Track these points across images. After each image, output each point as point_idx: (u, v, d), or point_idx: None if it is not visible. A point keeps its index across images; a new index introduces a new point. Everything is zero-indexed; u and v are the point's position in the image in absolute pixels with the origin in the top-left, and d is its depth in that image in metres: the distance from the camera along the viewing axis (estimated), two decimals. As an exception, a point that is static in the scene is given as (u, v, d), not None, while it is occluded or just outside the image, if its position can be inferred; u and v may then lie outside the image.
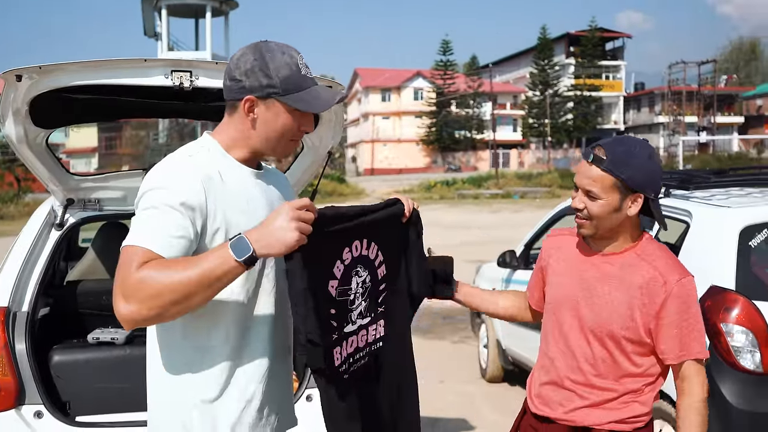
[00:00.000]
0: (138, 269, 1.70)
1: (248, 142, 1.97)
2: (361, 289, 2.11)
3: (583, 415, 2.25)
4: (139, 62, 2.83)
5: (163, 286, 1.68)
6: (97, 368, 3.49)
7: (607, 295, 2.21)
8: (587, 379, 2.25)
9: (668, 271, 2.17)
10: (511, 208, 31.41)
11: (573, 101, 66.82)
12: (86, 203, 3.84)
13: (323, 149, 3.55)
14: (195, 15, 40.37)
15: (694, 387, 2.19)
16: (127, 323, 1.74)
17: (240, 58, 1.94)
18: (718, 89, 64.80)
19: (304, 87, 1.92)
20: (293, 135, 1.98)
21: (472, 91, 67.63)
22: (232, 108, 1.97)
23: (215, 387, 1.90)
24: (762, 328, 3.56)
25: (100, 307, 3.77)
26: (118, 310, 1.72)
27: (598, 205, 2.17)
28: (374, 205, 2.19)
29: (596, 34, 67.92)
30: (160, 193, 1.80)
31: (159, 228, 1.77)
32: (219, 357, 1.90)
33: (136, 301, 1.69)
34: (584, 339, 2.25)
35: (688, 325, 2.16)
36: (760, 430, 3.54)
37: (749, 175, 5.03)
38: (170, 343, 1.92)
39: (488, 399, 6.30)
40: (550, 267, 2.42)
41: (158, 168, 1.88)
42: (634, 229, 2.26)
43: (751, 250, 3.79)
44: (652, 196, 2.19)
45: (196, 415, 1.89)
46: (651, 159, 2.17)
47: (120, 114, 3.72)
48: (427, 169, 67.14)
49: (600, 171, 2.15)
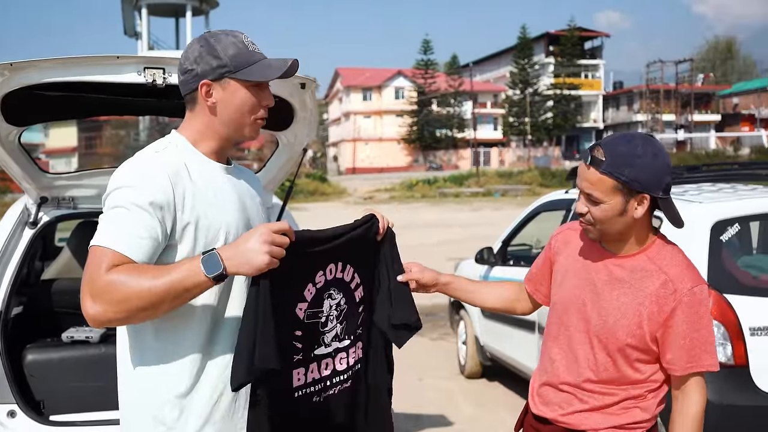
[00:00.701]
0: (107, 272, 1.72)
1: (214, 130, 1.98)
2: (335, 311, 2.10)
3: (581, 419, 2.16)
4: (112, 59, 2.82)
5: (131, 293, 1.70)
6: (72, 367, 3.47)
7: (615, 300, 2.10)
8: (586, 383, 2.16)
9: (680, 279, 2.05)
10: (492, 206, 31.55)
11: (553, 100, 67.15)
12: (60, 201, 3.81)
13: (298, 146, 3.55)
14: (175, 14, 40.16)
15: (693, 403, 2.09)
16: (94, 323, 1.76)
17: (188, 51, 1.97)
18: (695, 88, 65.49)
19: (254, 61, 1.95)
20: (255, 112, 1.99)
21: (453, 90, 67.75)
22: (191, 101, 1.98)
23: (187, 381, 1.90)
24: (733, 321, 3.61)
25: (75, 305, 3.71)
26: (86, 310, 1.74)
27: (600, 209, 2.04)
28: (349, 225, 2.17)
29: (575, 33, 68.31)
30: (128, 192, 1.81)
31: (126, 228, 1.78)
32: (190, 351, 1.90)
33: (103, 303, 1.71)
34: (588, 343, 2.15)
35: (700, 336, 2.04)
36: (733, 422, 3.59)
37: (721, 171, 5.09)
38: (141, 339, 1.91)
39: (467, 395, 6.33)
40: (558, 264, 2.31)
41: (126, 166, 1.88)
42: (645, 231, 2.12)
43: (722, 245, 3.84)
44: (660, 195, 2.02)
45: (167, 409, 1.89)
46: (656, 157, 2.01)
47: (93, 111, 3.69)
48: (408, 167, 67.18)
49: (599, 174, 2.01)
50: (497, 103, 71.71)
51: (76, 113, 3.77)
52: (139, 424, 1.93)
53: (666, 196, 2.04)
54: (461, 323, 6.95)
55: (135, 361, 1.92)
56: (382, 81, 71.58)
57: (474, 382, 6.72)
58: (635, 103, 67.91)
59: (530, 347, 5.29)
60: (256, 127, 2.02)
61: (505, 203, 32.68)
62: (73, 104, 3.32)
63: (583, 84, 68.69)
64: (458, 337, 7.09)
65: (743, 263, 4.08)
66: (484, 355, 6.51)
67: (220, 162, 2.02)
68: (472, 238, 15.70)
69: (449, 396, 6.28)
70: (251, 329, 1.80)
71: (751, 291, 3.81)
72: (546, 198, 5.92)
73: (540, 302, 2.45)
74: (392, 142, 70.81)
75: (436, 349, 7.89)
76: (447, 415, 5.74)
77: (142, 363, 1.91)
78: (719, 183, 4.80)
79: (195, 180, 1.91)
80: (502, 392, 6.40)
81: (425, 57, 70.06)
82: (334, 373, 2.13)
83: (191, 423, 1.91)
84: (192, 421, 1.91)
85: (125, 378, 1.96)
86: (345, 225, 2.16)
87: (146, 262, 1.78)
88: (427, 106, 68.62)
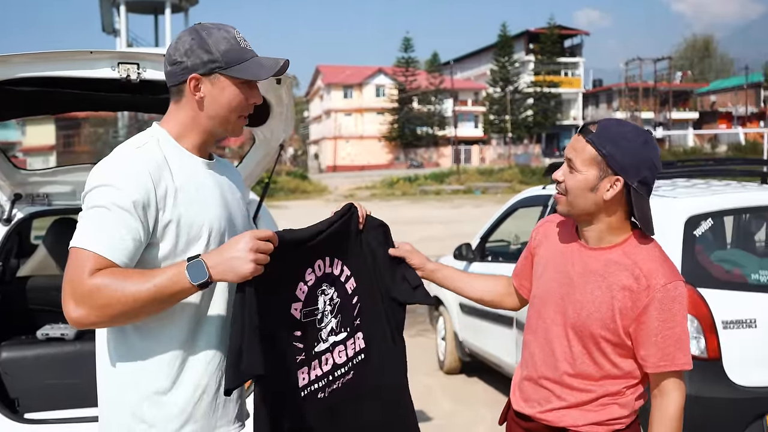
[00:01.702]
0: (90, 276, 1.71)
1: (198, 125, 1.95)
2: (329, 306, 2.12)
3: (560, 416, 2.15)
4: (85, 54, 2.80)
5: (115, 298, 1.70)
6: (47, 364, 3.45)
7: (590, 293, 2.09)
8: (564, 378, 2.15)
9: (654, 275, 2.02)
10: (473, 203, 31.65)
11: (533, 97, 67.43)
12: (35, 198, 3.78)
13: (275, 142, 3.54)
14: (154, 11, 39.88)
15: (671, 402, 2.06)
16: (77, 326, 1.76)
17: (178, 42, 1.94)
18: (673, 86, 66.07)
19: (245, 58, 1.93)
20: (242, 110, 1.97)
21: (434, 87, 67.85)
22: (177, 94, 1.95)
23: (167, 378, 1.88)
24: (706, 315, 3.65)
25: (50, 303, 3.72)
26: (68, 313, 1.73)
27: (575, 179, 2.06)
28: (329, 219, 2.18)
29: (555, 31, 68.67)
30: (109, 192, 1.77)
31: (108, 230, 1.75)
32: (171, 348, 1.88)
33: (87, 307, 1.71)
34: (564, 336, 2.14)
35: (673, 334, 2.02)
36: (705, 415, 3.63)
37: (695, 167, 5.15)
38: (121, 336, 1.89)
39: (446, 390, 6.36)
40: (538, 256, 2.31)
41: (107, 162, 1.85)
42: (620, 222, 2.10)
43: (695, 239, 3.88)
44: (634, 184, 2.01)
45: (146, 406, 1.87)
46: (644, 146, 2.02)
47: (67, 107, 3.66)
48: (389, 165, 67.21)
49: (584, 141, 2.04)
50: (478, 101, 71.92)
51: (49, 109, 3.73)
52: (119, 421, 1.90)
53: (640, 191, 2.03)
54: (440, 319, 6.97)
55: (114, 358, 1.90)
56: (363, 79, 71.52)
57: (453, 377, 6.75)
58: (614, 101, 68.40)
59: (508, 342, 5.32)
60: (241, 125, 2.01)
61: (486, 200, 32.78)
62: (47, 100, 3.29)
63: (563, 82, 69.07)
64: (437, 333, 7.11)
65: (717, 257, 4.13)
66: (463, 350, 6.54)
67: (202, 157, 2.00)
68: (452, 236, 15.72)
69: (428, 392, 6.30)
70: (238, 335, 1.80)
71: (724, 285, 3.86)
72: (523, 194, 5.95)
73: (525, 297, 2.42)
74: (373, 140, 70.80)
75: (415, 346, 7.91)
76: (426, 411, 5.76)
77: (122, 360, 1.89)
78: (693, 179, 4.85)
79: (176, 176, 1.89)
80: (481, 388, 6.43)
81: (406, 55, 70.18)
82: (335, 367, 2.14)
83: (172, 420, 1.89)
84: (173, 418, 1.89)
85: (104, 375, 1.94)
86: (326, 219, 2.17)
87: (128, 264, 1.77)
88: (408, 103, 68.68)
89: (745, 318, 3.71)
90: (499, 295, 2.50)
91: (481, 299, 2.52)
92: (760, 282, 3.90)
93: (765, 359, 3.72)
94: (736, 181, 5.04)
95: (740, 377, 3.65)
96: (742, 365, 3.67)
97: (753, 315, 3.72)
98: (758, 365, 3.70)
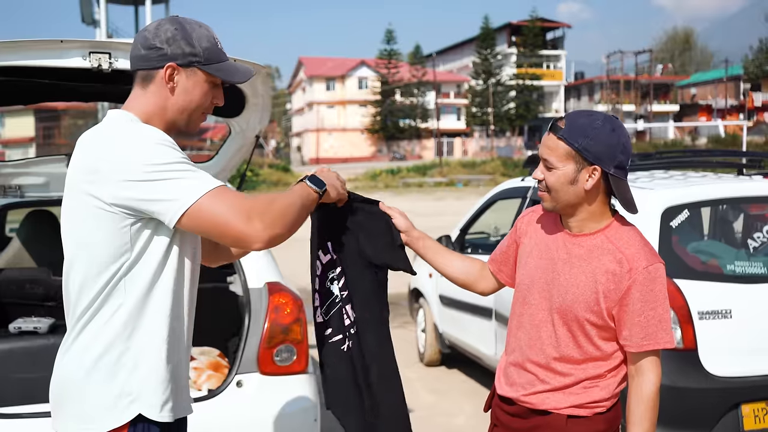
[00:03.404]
0: (250, 197, 1.82)
1: (164, 114, 1.93)
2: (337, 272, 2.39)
3: (542, 398, 2.21)
4: (56, 43, 2.75)
5: (284, 207, 1.85)
6: (20, 358, 3.40)
7: (574, 278, 2.16)
8: (548, 362, 2.21)
9: (635, 258, 2.10)
10: (455, 195, 31.70)
11: (515, 90, 67.58)
12: (6, 190, 3.73)
13: (251, 133, 3.52)
14: (135, 2, 39.45)
15: (647, 382, 2.13)
16: (269, 244, 1.83)
17: (158, 28, 1.92)
18: (654, 78, 66.48)
19: (222, 59, 1.97)
20: (207, 108, 1.99)
21: (416, 80, 67.77)
22: (146, 78, 1.92)
23: (138, 376, 1.86)
24: (682, 305, 3.68)
25: (24, 296, 3.67)
26: (249, 232, 1.77)
27: (554, 176, 2.12)
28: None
29: (537, 24, 68.81)
30: (167, 154, 1.78)
31: (200, 174, 1.80)
32: (144, 344, 1.87)
33: (267, 220, 1.79)
34: (549, 320, 2.21)
35: (656, 314, 2.10)
36: (681, 405, 3.66)
37: (673, 159, 5.18)
38: (95, 332, 1.85)
39: (426, 382, 6.36)
40: (523, 245, 2.37)
41: (132, 137, 1.81)
42: (601, 209, 2.18)
43: (672, 230, 3.90)
44: (610, 171, 2.08)
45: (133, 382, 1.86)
46: (613, 132, 2.08)
47: (39, 97, 3.61)
48: (372, 158, 67.13)
49: (556, 139, 2.11)
50: (460, 94, 71.98)
51: (21, 99, 3.67)
52: (100, 401, 1.86)
53: (618, 175, 2.10)
54: (420, 311, 6.97)
55: (84, 351, 1.86)
56: (346, 71, 71.33)
57: (433, 369, 6.75)
58: (596, 94, 68.71)
59: (487, 334, 5.33)
60: (200, 122, 2.02)
61: (468, 193, 32.84)
62: (18, 90, 3.24)
63: (545, 74, 69.29)
64: (417, 325, 7.11)
65: (693, 248, 4.15)
66: (443, 342, 6.55)
67: None
68: (433, 228, 15.70)
69: (408, 384, 6.28)
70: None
71: (700, 276, 3.88)
72: (502, 186, 5.96)
73: (503, 282, 2.48)
74: (356, 132, 70.69)
75: (396, 338, 7.81)
76: (407, 403, 5.75)
77: (92, 353, 1.85)
78: (671, 170, 4.87)
79: None
80: (461, 379, 6.44)
81: (388, 47, 70.00)
82: (350, 325, 2.39)
83: (154, 390, 1.88)
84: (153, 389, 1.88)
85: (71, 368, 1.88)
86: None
87: None
88: (391, 96, 68.58)
89: (720, 309, 3.74)
90: (473, 277, 2.53)
91: (456, 278, 2.54)
92: (736, 273, 3.93)
93: (740, 349, 3.76)
94: (713, 172, 5.07)
95: (715, 367, 3.68)
96: (718, 355, 3.70)
97: (728, 306, 3.75)
98: (733, 355, 3.73)
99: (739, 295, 3.81)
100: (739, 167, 4.73)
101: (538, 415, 2.22)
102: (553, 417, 2.20)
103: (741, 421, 3.67)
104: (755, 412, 3.69)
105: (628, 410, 2.16)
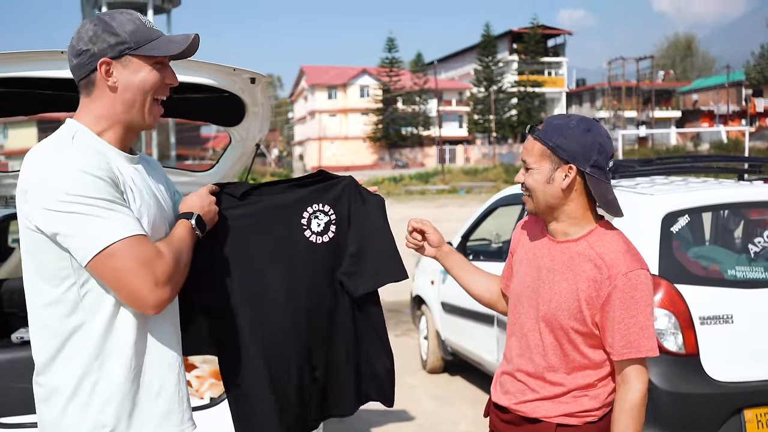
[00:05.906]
0: (158, 252, 1.74)
1: (115, 115, 1.86)
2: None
3: (533, 407, 2.22)
4: (56, 54, 2.77)
5: (186, 265, 1.83)
6: (22, 368, 3.40)
7: (557, 285, 2.15)
8: (538, 371, 2.21)
9: (615, 264, 2.07)
10: (457, 202, 31.68)
11: (517, 97, 67.63)
12: (8, 200, 3.74)
13: (251, 141, 3.53)
14: (136, 12, 39.62)
15: (632, 390, 2.10)
16: (154, 310, 1.76)
17: (80, 31, 1.86)
18: (655, 84, 66.52)
19: (154, 37, 1.87)
20: (158, 92, 1.90)
21: (418, 88, 67.88)
22: (88, 86, 1.86)
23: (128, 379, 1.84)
24: (684, 311, 3.67)
25: (25, 306, 3.67)
26: (151, 300, 1.72)
27: (532, 176, 2.14)
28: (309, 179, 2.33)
29: (538, 31, 68.91)
30: (88, 185, 1.69)
31: (117, 215, 1.71)
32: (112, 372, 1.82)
33: (173, 286, 1.76)
34: (537, 329, 2.20)
35: (637, 321, 2.06)
36: (683, 410, 3.65)
37: (673, 164, 5.18)
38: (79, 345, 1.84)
39: (429, 389, 6.36)
40: (516, 255, 2.38)
41: (53, 161, 1.72)
42: (582, 212, 2.17)
43: (672, 236, 3.90)
44: (586, 170, 2.07)
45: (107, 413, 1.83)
46: (587, 132, 2.08)
47: (40, 108, 3.61)
48: (374, 165, 67.16)
49: (533, 140, 2.14)
50: (462, 101, 72.06)
51: (22, 110, 3.68)
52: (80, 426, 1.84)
53: (595, 175, 2.08)
54: (423, 318, 6.97)
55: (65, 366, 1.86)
56: (347, 79, 71.48)
57: (436, 376, 6.75)
58: (597, 100, 68.73)
59: (490, 341, 5.32)
60: (158, 112, 1.93)
61: (470, 200, 32.82)
62: (19, 100, 3.25)
63: (547, 81, 69.34)
64: (420, 332, 7.11)
65: (694, 254, 4.15)
66: (446, 349, 6.54)
67: (124, 152, 1.91)
68: (436, 235, 15.73)
69: (411, 391, 6.30)
70: None
71: (701, 281, 3.88)
72: (503, 193, 5.97)
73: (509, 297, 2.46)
74: (358, 141, 70.77)
75: (398, 345, 7.89)
76: (409, 410, 5.76)
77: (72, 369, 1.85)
78: (671, 176, 4.88)
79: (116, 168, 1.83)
80: (463, 386, 6.44)
81: (390, 55, 70.18)
82: None
83: (135, 423, 1.86)
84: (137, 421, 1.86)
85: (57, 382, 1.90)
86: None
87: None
88: (393, 104, 68.69)
89: (722, 314, 3.73)
90: (496, 296, 2.54)
91: (480, 297, 2.55)
92: (737, 278, 3.93)
93: (742, 354, 3.75)
94: (713, 178, 5.08)
95: (717, 373, 3.67)
96: (720, 361, 3.70)
97: (730, 311, 3.74)
98: (735, 360, 3.73)
99: (741, 300, 3.81)
100: (740, 172, 4.73)
101: (530, 423, 2.23)
102: (543, 425, 2.20)
103: (744, 427, 3.65)
104: (758, 417, 3.67)
105: (612, 420, 2.14)
